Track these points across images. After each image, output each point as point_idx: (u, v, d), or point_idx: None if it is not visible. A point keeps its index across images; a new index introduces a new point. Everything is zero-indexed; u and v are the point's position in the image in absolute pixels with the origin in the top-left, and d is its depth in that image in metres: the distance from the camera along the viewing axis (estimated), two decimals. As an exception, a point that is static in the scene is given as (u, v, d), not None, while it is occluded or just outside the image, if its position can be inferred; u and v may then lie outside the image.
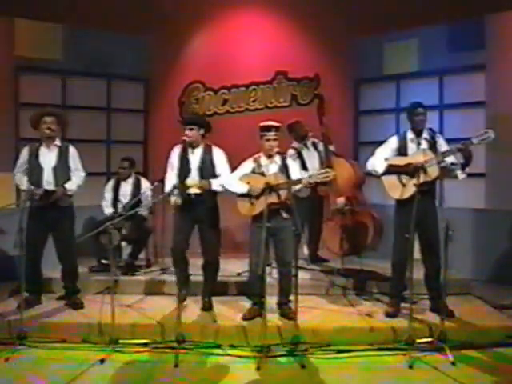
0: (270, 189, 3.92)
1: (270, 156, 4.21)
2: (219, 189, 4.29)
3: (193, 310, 4.42)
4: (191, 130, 4.29)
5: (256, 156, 4.27)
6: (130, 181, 5.49)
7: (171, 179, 4.34)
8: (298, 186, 4.04)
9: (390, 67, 6.25)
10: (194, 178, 4.27)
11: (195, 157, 4.34)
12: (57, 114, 4.46)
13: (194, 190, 4.25)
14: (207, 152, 4.37)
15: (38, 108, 4.62)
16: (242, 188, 4.14)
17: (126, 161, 5.50)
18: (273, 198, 3.97)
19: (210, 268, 4.45)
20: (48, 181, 4.34)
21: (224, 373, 3.50)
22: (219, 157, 4.38)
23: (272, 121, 4.21)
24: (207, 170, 4.32)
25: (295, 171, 4.24)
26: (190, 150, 4.34)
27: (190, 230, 4.36)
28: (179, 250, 4.29)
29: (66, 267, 4.51)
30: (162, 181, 4.49)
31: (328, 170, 4.00)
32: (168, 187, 4.31)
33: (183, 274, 4.42)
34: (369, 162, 4.35)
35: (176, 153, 4.42)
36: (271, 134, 4.13)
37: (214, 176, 4.31)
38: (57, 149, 4.44)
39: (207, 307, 4.43)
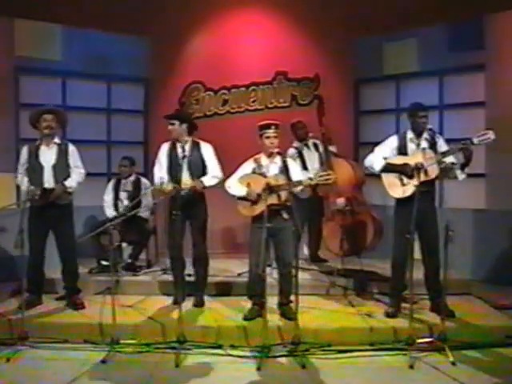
0: (270, 190, 3.93)
1: (270, 155, 4.21)
2: (213, 182, 4.37)
3: (193, 310, 4.42)
4: (172, 124, 4.39)
5: (256, 156, 4.28)
6: (131, 180, 5.51)
7: (159, 176, 4.43)
8: (298, 188, 4.05)
9: (390, 67, 6.25)
10: (186, 180, 4.30)
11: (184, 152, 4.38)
12: (56, 112, 4.48)
13: (186, 187, 4.27)
14: (195, 147, 4.45)
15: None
16: (241, 191, 4.16)
17: (126, 159, 5.53)
18: (273, 199, 3.98)
19: (200, 263, 4.52)
20: (48, 179, 4.35)
21: (225, 373, 3.51)
22: (207, 151, 4.47)
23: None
24: (196, 164, 4.40)
25: (296, 172, 4.24)
26: (178, 145, 4.39)
27: (184, 228, 4.42)
28: (176, 249, 4.32)
29: (66, 266, 4.52)
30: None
31: (330, 172, 3.97)
32: (156, 181, 4.41)
33: (180, 275, 4.45)
34: (367, 159, 4.36)
35: (164, 149, 4.50)
36: (271, 132, 4.14)
37: (204, 171, 4.40)
38: (56, 147, 4.45)
39: (199, 303, 4.50)
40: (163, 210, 5.01)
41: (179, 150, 4.36)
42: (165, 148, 4.51)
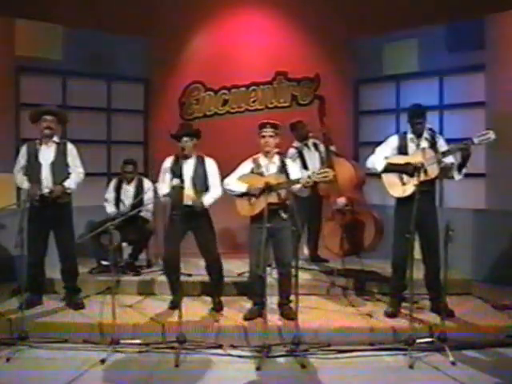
0: (269, 189, 3.93)
1: (267, 154, 4.21)
2: (210, 202, 4.32)
3: (193, 310, 4.42)
4: (187, 142, 4.30)
5: (255, 156, 4.28)
6: (133, 182, 5.50)
7: (163, 188, 4.32)
8: (297, 186, 4.04)
9: (390, 67, 6.24)
10: (190, 191, 4.22)
11: (188, 167, 4.34)
12: (56, 113, 4.48)
13: (188, 201, 4.18)
14: (200, 162, 4.40)
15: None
16: (241, 188, 4.15)
17: (129, 164, 5.48)
18: (272, 198, 3.98)
19: (214, 268, 4.47)
20: (46, 177, 4.35)
21: (224, 373, 3.51)
22: (211, 167, 4.42)
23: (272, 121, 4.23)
24: (200, 180, 4.35)
25: (294, 171, 4.23)
26: (182, 160, 4.32)
27: (182, 239, 4.29)
28: (172, 259, 4.14)
29: (65, 265, 4.51)
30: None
31: (327, 169, 3.99)
32: (161, 192, 4.30)
33: (175, 282, 4.32)
34: (369, 160, 4.36)
35: (168, 163, 4.42)
36: (266, 131, 4.15)
37: (206, 186, 4.34)
38: (55, 145, 4.46)
39: (218, 308, 4.44)
40: (163, 210, 5.01)
41: (184, 165, 4.29)
42: (168, 163, 4.42)
